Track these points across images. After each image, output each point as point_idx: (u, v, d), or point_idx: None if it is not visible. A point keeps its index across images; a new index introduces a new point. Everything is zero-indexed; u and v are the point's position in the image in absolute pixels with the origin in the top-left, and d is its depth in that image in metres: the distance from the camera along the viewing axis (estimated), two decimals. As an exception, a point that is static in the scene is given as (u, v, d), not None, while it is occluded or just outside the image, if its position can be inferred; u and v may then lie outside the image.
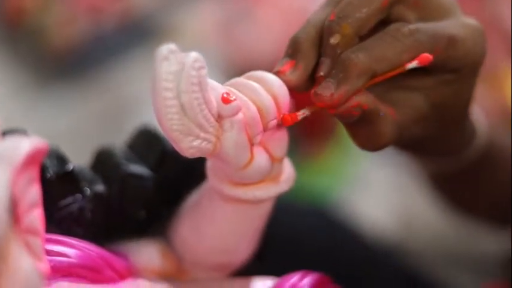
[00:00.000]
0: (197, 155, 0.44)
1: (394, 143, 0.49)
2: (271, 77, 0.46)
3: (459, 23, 0.49)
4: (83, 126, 1.46)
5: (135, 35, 1.58)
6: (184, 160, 0.49)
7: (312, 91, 0.46)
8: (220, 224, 0.50)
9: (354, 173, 1.39)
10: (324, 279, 0.50)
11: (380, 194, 1.32)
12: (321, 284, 0.50)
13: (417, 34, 0.47)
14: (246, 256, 0.52)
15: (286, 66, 0.47)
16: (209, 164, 0.49)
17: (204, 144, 0.43)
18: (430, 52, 0.47)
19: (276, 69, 0.47)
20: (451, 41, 0.48)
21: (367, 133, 0.49)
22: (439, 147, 0.57)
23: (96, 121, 1.48)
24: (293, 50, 0.47)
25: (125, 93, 1.49)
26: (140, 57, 1.60)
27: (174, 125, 0.41)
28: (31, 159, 0.37)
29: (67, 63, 1.56)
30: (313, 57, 0.47)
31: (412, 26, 0.47)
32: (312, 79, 0.48)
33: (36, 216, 0.38)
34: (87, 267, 0.46)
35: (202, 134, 0.43)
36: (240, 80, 0.46)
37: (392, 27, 0.47)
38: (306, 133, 1.39)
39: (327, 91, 0.45)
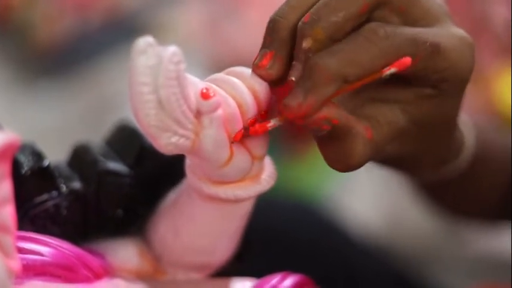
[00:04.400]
0: (175, 151, 0.42)
1: (366, 162, 0.45)
2: (251, 73, 0.45)
3: (447, 32, 0.45)
4: (68, 124, 1.45)
5: (122, 33, 1.57)
6: (163, 157, 0.48)
7: (282, 101, 0.43)
8: (199, 223, 0.49)
9: (340, 174, 1.37)
10: (305, 281, 0.49)
11: (367, 193, 1.32)
12: (302, 285, 0.49)
13: (395, 37, 0.43)
14: (225, 257, 0.51)
15: (265, 60, 0.44)
16: (188, 162, 0.47)
17: (182, 140, 0.42)
18: None
19: (255, 62, 0.44)
20: (435, 49, 0.43)
21: (336, 151, 0.45)
22: (421, 164, 0.52)
23: (82, 118, 1.47)
24: (272, 39, 0.44)
25: (111, 91, 1.49)
26: (126, 55, 1.59)
27: (152, 121, 0.40)
28: (2, 153, 0.36)
29: (53, 60, 1.56)
30: (293, 46, 0.44)
31: (390, 28, 0.43)
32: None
33: (7, 213, 0.37)
34: (61, 266, 0.45)
35: (180, 131, 0.41)
36: (220, 75, 0.45)
37: (367, 27, 0.43)
38: (293, 130, 1.39)
39: (294, 101, 0.42)
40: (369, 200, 1.29)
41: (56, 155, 0.51)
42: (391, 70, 0.43)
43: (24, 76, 1.54)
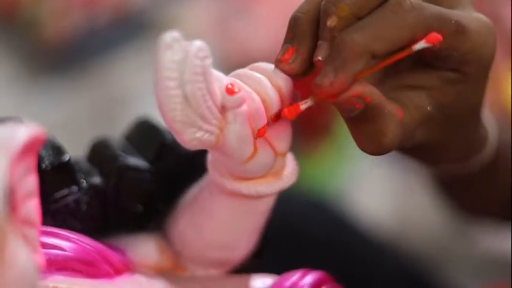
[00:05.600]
0: (199, 147, 0.42)
1: (397, 146, 0.45)
2: (274, 68, 0.45)
3: (470, 15, 0.45)
4: (75, 119, 1.45)
5: (129, 29, 1.57)
6: (183, 153, 0.48)
7: (313, 81, 0.43)
8: (219, 220, 0.49)
9: (349, 171, 1.38)
10: (325, 278, 0.49)
11: (376, 192, 1.31)
12: (322, 282, 0.48)
13: (421, 10, 0.43)
14: (245, 253, 0.51)
15: (288, 54, 0.44)
16: (210, 157, 0.47)
17: (206, 136, 0.42)
18: None
19: (278, 57, 0.44)
20: (460, 28, 0.44)
21: (369, 132, 0.44)
22: (447, 154, 0.52)
23: (89, 114, 1.47)
24: (293, 34, 0.44)
25: (118, 87, 1.49)
26: (134, 51, 1.59)
27: (177, 116, 0.40)
28: (28, 147, 0.35)
29: (60, 55, 1.55)
30: (315, 40, 0.44)
31: (415, 1, 0.43)
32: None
33: (32, 207, 0.37)
34: (83, 261, 0.45)
35: (205, 126, 0.41)
36: (244, 71, 0.45)
37: (393, 0, 0.43)
38: (301, 130, 1.39)
39: (326, 80, 0.41)
40: (377, 200, 1.29)
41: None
42: (420, 44, 0.43)
43: (32, 72, 1.54)
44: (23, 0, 1.56)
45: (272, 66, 0.45)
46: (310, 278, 0.48)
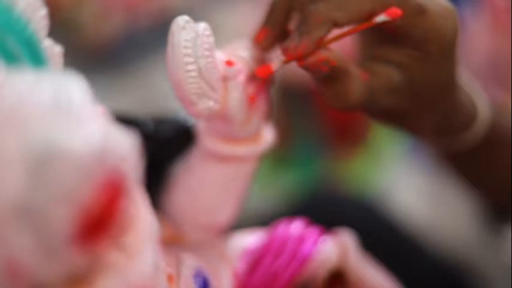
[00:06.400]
0: (207, 116, 0.48)
1: (362, 104, 0.51)
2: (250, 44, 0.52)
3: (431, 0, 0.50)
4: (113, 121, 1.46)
5: (169, 34, 1.58)
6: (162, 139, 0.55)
7: (281, 45, 0.50)
8: (211, 183, 0.54)
9: (383, 177, 1.38)
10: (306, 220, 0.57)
11: (408, 201, 1.31)
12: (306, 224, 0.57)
13: None
14: (231, 216, 0.56)
15: (261, 35, 0.52)
16: (203, 127, 0.53)
17: (215, 104, 0.48)
18: None
19: (254, 35, 0.52)
20: (420, 8, 0.49)
21: (336, 90, 0.51)
22: (422, 124, 0.56)
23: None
24: (268, 17, 0.52)
25: (156, 90, 1.49)
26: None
27: (193, 89, 0.46)
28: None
29: (100, 58, 1.57)
30: (285, 19, 0.51)
31: None
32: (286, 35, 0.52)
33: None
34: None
35: (214, 96, 0.47)
36: (229, 48, 0.51)
37: None
38: (339, 139, 1.40)
39: (291, 43, 0.48)
40: (411, 203, 1.28)
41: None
42: (381, 17, 0.49)
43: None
44: (64, 3, 1.58)
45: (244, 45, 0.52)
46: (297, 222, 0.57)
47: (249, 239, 0.58)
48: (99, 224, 0.33)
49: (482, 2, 1.19)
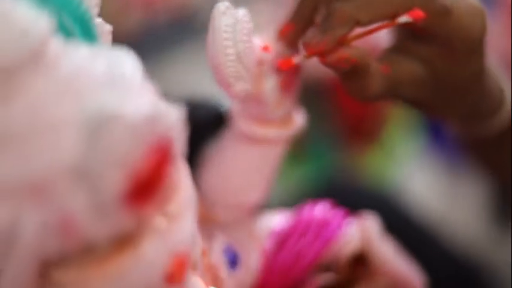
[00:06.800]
0: (243, 97, 0.51)
1: (383, 95, 0.53)
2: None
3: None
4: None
5: (187, 30, 1.59)
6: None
7: (302, 40, 0.51)
8: (242, 165, 0.56)
9: (396, 175, 1.39)
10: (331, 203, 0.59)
11: (421, 197, 1.31)
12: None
13: None
14: (261, 196, 0.58)
15: (286, 29, 0.53)
16: (237, 109, 0.55)
17: (250, 87, 0.50)
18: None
19: (279, 28, 0.53)
20: (445, 9, 0.49)
21: (356, 84, 0.52)
22: (449, 111, 0.57)
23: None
24: (295, 13, 0.53)
25: (174, 86, 1.50)
26: (191, 52, 1.61)
27: (231, 72, 0.48)
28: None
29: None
30: (310, 16, 0.52)
31: None
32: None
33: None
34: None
35: (249, 79, 0.49)
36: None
37: None
38: (352, 134, 1.41)
39: (313, 39, 0.49)
40: (424, 198, 1.28)
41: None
42: (403, 18, 0.49)
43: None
44: (83, -1, 1.59)
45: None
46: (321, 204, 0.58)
47: (277, 220, 0.59)
48: (147, 187, 0.35)
49: (498, 3, 1.20)
